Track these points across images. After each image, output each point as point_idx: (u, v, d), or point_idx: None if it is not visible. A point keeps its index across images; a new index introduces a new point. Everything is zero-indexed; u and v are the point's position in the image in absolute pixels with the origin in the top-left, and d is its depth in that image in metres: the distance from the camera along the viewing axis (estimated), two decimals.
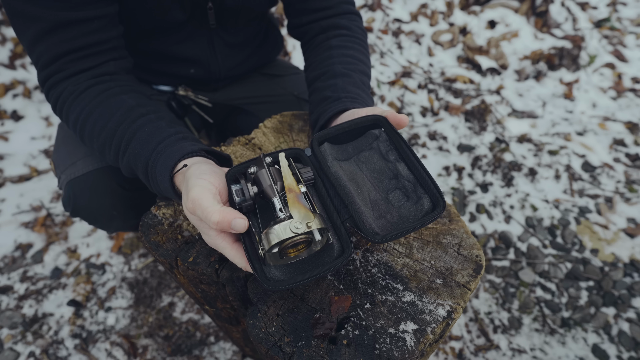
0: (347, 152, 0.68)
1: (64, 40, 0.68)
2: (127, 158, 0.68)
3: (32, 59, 0.72)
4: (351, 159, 0.68)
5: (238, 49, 1.03)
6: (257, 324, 0.59)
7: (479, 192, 1.78)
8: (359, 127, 0.67)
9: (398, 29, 2.58)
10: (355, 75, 0.82)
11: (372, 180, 0.65)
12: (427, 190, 0.61)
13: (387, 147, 0.67)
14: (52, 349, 1.25)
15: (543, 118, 2.15)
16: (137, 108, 0.69)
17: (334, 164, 0.65)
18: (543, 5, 2.65)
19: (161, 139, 0.65)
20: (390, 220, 0.61)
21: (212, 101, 1.10)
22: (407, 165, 0.64)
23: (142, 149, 0.65)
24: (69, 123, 0.73)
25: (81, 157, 0.87)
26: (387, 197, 0.64)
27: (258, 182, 0.56)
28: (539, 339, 1.32)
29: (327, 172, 0.62)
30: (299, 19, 0.93)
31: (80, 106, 0.70)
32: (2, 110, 1.92)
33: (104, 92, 0.71)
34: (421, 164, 0.62)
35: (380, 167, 0.66)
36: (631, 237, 1.60)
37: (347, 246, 0.56)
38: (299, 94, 1.14)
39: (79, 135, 0.73)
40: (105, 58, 0.73)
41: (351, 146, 0.69)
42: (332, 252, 0.57)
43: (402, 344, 0.56)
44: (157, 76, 1.02)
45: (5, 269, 1.43)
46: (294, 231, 0.50)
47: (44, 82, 0.73)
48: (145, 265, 1.46)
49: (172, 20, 0.85)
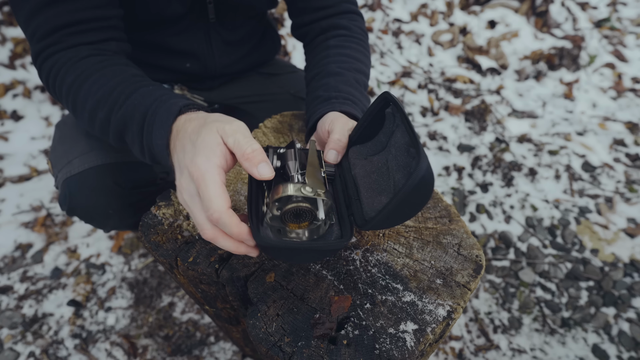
0: (381, 142, 0.66)
1: (64, 12, 0.66)
2: (123, 111, 0.63)
3: (27, 34, 0.68)
4: (386, 147, 0.65)
5: (235, 47, 1.03)
6: (257, 324, 0.59)
7: (479, 192, 1.78)
8: (376, 113, 0.65)
9: (398, 29, 2.58)
10: (349, 74, 0.82)
11: (397, 158, 0.62)
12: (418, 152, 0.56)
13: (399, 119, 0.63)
14: (52, 349, 1.25)
15: (543, 118, 2.15)
16: (140, 76, 0.67)
17: (358, 163, 0.65)
18: (543, 5, 2.65)
19: (166, 91, 0.63)
20: None
21: (208, 100, 1.09)
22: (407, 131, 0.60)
23: (144, 99, 0.62)
24: (62, 88, 0.68)
25: (77, 156, 0.86)
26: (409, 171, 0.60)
27: (284, 158, 0.59)
28: (539, 339, 1.32)
29: (347, 175, 0.64)
30: (300, 19, 0.93)
31: (80, 69, 0.66)
32: (2, 110, 1.92)
33: (107, 60, 0.68)
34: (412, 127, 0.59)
35: (401, 143, 0.63)
36: (631, 237, 1.60)
37: (347, 234, 0.56)
38: (296, 93, 1.14)
39: (72, 100, 0.68)
40: (107, 35, 0.71)
41: (382, 134, 0.66)
42: (330, 238, 0.58)
43: (402, 344, 0.56)
44: (152, 70, 1.01)
45: (5, 269, 1.43)
46: (304, 193, 0.51)
47: (40, 53, 0.68)
48: (145, 265, 1.46)
49: (171, 13, 0.84)
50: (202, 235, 0.54)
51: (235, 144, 0.51)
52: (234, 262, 0.66)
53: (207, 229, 0.51)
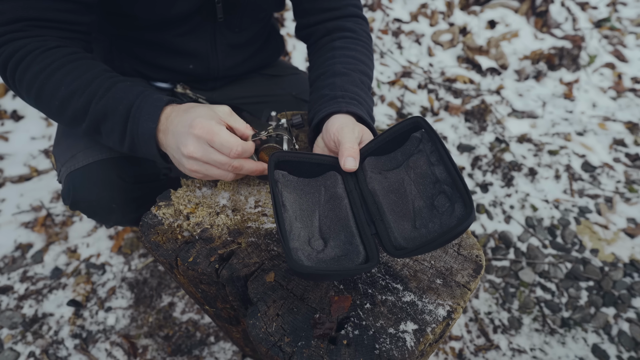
0: (396, 160, 0.67)
1: (33, 7, 0.66)
2: (104, 103, 0.65)
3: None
4: (402, 166, 0.66)
5: (239, 49, 1.03)
6: (257, 324, 0.59)
7: (479, 192, 1.78)
8: (401, 133, 0.66)
9: (398, 29, 2.58)
10: (354, 75, 0.82)
11: (418, 185, 0.64)
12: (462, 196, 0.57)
13: (430, 148, 0.64)
14: (52, 349, 1.25)
15: (543, 118, 2.15)
16: (113, 72, 0.70)
17: (374, 177, 0.65)
18: (543, 5, 2.65)
19: (147, 87, 0.66)
20: (432, 229, 0.58)
21: (210, 101, 1.10)
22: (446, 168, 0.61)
23: (125, 93, 0.65)
24: (25, 74, 0.67)
25: (81, 150, 0.86)
26: (433, 203, 0.61)
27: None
28: (539, 339, 1.32)
29: (363, 187, 0.65)
30: (306, 19, 0.93)
31: (50, 59, 0.66)
32: (2, 110, 1.92)
33: (78, 54, 0.68)
34: (456, 167, 0.59)
35: (425, 171, 0.64)
36: (631, 237, 1.60)
37: (374, 256, 0.57)
38: (298, 94, 1.14)
39: (37, 87, 0.67)
40: (75, 36, 0.71)
41: (400, 152, 0.68)
42: (356, 259, 0.58)
43: (402, 344, 0.56)
44: (154, 70, 1.01)
45: (5, 269, 1.43)
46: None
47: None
48: (145, 265, 1.46)
49: (177, 13, 0.84)
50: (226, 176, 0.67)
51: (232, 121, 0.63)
52: (234, 262, 0.66)
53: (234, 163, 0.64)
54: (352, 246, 0.60)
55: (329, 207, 0.65)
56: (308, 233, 0.61)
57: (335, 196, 0.65)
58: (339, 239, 0.61)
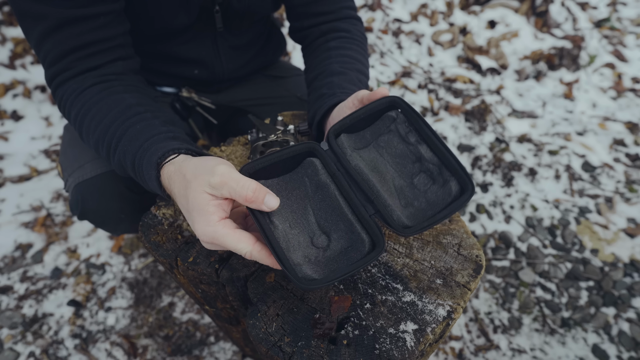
0: (365, 139, 0.65)
1: (71, 36, 0.68)
2: (118, 156, 0.67)
3: (39, 58, 0.71)
4: (370, 145, 0.65)
5: (242, 51, 1.03)
6: (257, 324, 0.59)
7: (479, 192, 1.78)
8: (375, 112, 0.65)
9: (398, 29, 2.58)
10: (351, 74, 0.82)
11: (395, 165, 0.63)
12: (454, 173, 0.59)
13: (406, 128, 0.64)
14: (52, 349, 1.25)
15: (543, 118, 2.15)
16: (135, 107, 0.69)
17: (354, 155, 0.63)
18: (543, 5, 2.65)
19: (150, 135, 0.64)
20: (419, 207, 0.59)
21: (215, 103, 1.10)
22: (430, 147, 0.61)
23: (130, 145, 0.65)
24: (70, 120, 0.73)
25: (89, 160, 0.87)
26: (412, 182, 0.61)
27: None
28: (539, 339, 1.32)
29: (347, 166, 0.61)
30: (300, 23, 0.93)
31: (81, 103, 0.69)
32: (2, 110, 1.92)
33: (106, 90, 0.70)
34: (444, 144, 0.59)
35: (401, 150, 0.63)
36: (631, 237, 1.60)
37: (379, 240, 0.55)
38: (302, 96, 1.14)
39: (78, 133, 0.73)
40: (113, 56, 0.73)
41: (369, 132, 0.66)
42: (362, 248, 0.57)
43: (402, 344, 0.56)
44: (160, 77, 1.02)
45: (5, 269, 1.43)
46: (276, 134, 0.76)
47: (51, 80, 0.72)
48: (145, 265, 1.46)
49: (178, 25, 0.85)
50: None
51: (232, 193, 0.52)
52: (234, 262, 0.66)
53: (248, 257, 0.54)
54: (354, 234, 0.58)
55: (319, 198, 0.61)
56: (308, 234, 0.59)
57: (320, 184, 0.61)
58: (339, 229, 0.59)
